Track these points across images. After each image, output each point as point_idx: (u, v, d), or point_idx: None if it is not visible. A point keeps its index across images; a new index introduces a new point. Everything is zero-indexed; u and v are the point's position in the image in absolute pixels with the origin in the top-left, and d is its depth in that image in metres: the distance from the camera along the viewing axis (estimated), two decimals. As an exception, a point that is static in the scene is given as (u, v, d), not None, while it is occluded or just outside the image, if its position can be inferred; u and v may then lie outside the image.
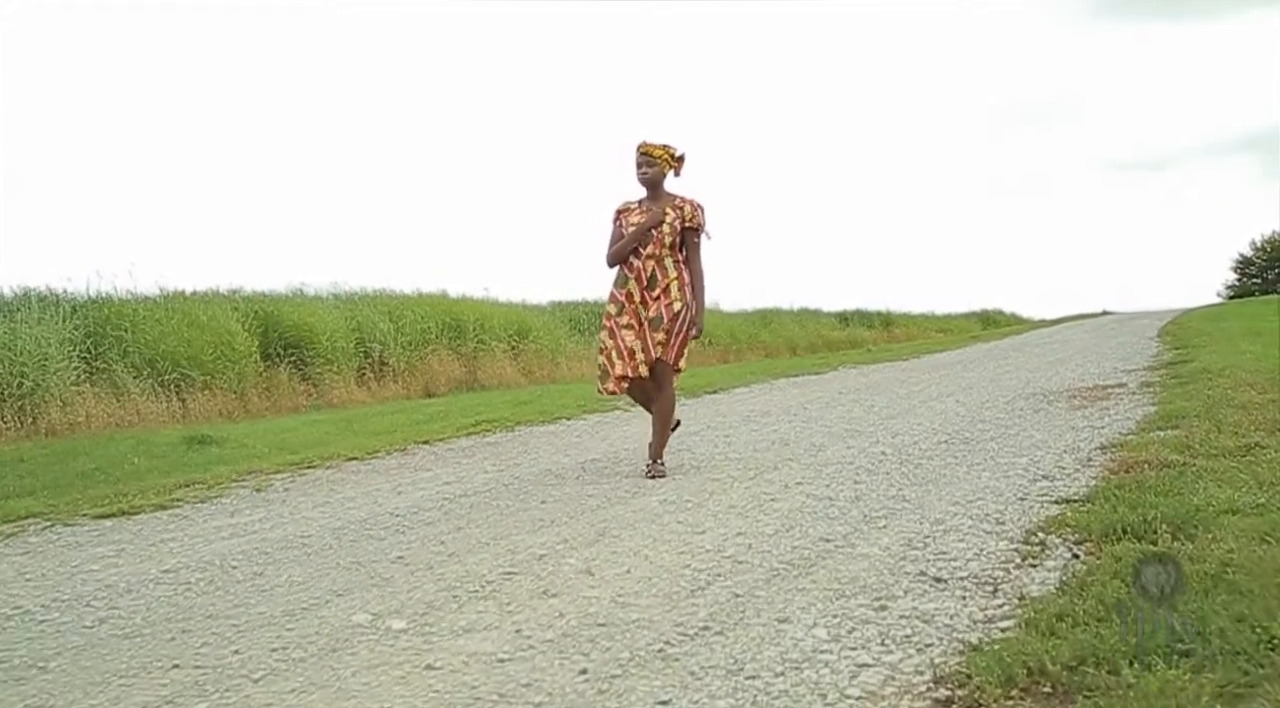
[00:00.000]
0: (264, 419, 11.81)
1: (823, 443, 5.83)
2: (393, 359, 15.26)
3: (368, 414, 10.66)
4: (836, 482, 4.53)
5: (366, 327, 15.15)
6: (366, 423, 9.44)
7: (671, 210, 5.00)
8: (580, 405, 8.60)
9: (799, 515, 3.84)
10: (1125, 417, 6.10)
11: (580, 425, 7.40)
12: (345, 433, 8.61)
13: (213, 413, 12.38)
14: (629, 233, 4.97)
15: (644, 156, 5.00)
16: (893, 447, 5.51)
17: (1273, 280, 47.86)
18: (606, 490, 4.65)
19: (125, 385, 11.77)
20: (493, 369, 16.57)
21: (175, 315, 13.16)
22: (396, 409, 11.27)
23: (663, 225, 4.96)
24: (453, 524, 4.03)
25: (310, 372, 14.05)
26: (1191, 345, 11.87)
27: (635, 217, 5.02)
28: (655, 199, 5.06)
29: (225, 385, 12.83)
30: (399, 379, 15.43)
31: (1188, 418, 5.47)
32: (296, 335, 14.17)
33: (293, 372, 13.86)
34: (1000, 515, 3.63)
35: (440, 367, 15.87)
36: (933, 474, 4.59)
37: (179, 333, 12.71)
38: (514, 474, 5.28)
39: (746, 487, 4.53)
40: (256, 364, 13.44)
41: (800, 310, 27.50)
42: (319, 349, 14.10)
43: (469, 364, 16.41)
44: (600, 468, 5.35)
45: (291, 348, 14.02)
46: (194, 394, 12.49)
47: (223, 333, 13.11)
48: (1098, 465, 4.48)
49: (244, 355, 13.15)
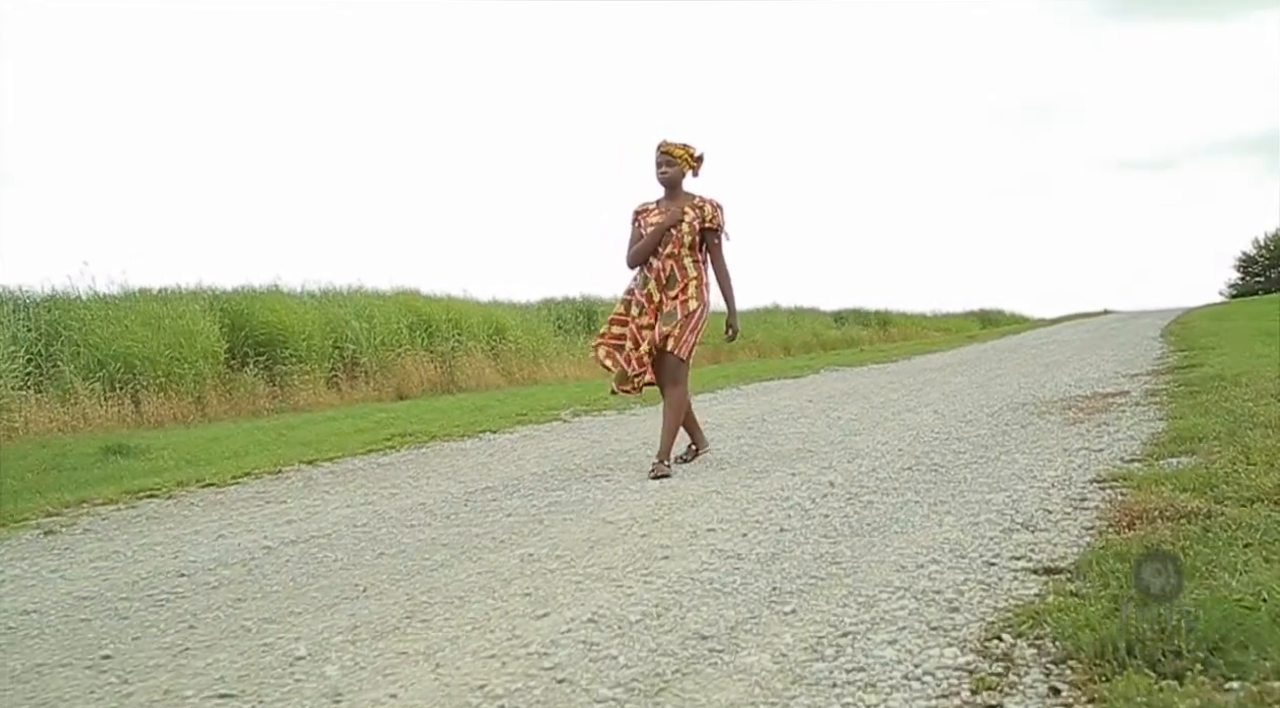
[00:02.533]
0: (217, 424, 10.80)
1: (764, 469, 4.73)
2: (365, 360, 14.21)
3: (315, 421, 9.61)
4: (758, 529, 3.44)
5: (341, 325, 14.14)
6: (302, 431, 8.42)
7: (690, 210, 4.84)
8: (520, 417, 7.53)
9: (686, 587, 2.75)
10: (1128, 435, 4.99)
11: (503, 441, 6.32)
12: (275, 442, 7.59)
13: (166, 417, 11.41)
14: (648, 233, 4.81)
15: (664, 156, 4.86)
16: (846, 475, 4.40)
17: (1275, 279, 46.26)
18: (468, 537, 3.57)
19: (74, 388, 10.80)
20: (471, 370, 15.52)
21: (130, 314, 12.23)
22: (351, 414, 10.21)
23: (681, 225, 4.80)
24: (230, 595, 2.96)
25: (278, 373, 13.04)
26: (1198, 347, 10.69)
27: (654, 217, 4.87)
28: (674, 199, 4.90)
29: (182, 388, 11.82)
30: (371, 381, 14.40)
31: (1205, 440, 4.36)
32: (268, 335, 13.15)
33: (259, 373, 12.86)
34: (956, 594, 2.53)
35: (414, 368, 14.83)
36: (883, 518, 3.49)
37: (133, 333, 11.74)
38: (377, 510, 4.21)
39: (642, 536, 3.44)
40: (219, 365, 12.45)
41: (796, 309, 26.34)
42: (293, 349, 13.08)
43: (445, 365, 15.35)
44: (485, 501, 4.28)
45: (262, 348, 13.01)
46: (148, 397, 11.50)
47: (182, 332, 12.11)
48: (1093, 508, 3.38)
49: (203, 356, 12.15)
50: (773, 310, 24.76)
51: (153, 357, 11.43)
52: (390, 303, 15.10)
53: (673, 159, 4.86)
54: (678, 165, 4.87)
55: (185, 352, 11.79)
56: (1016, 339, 18.51)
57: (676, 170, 4.87)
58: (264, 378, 12.83)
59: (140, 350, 11.39)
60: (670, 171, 4.87)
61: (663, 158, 4.87)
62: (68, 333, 11.52)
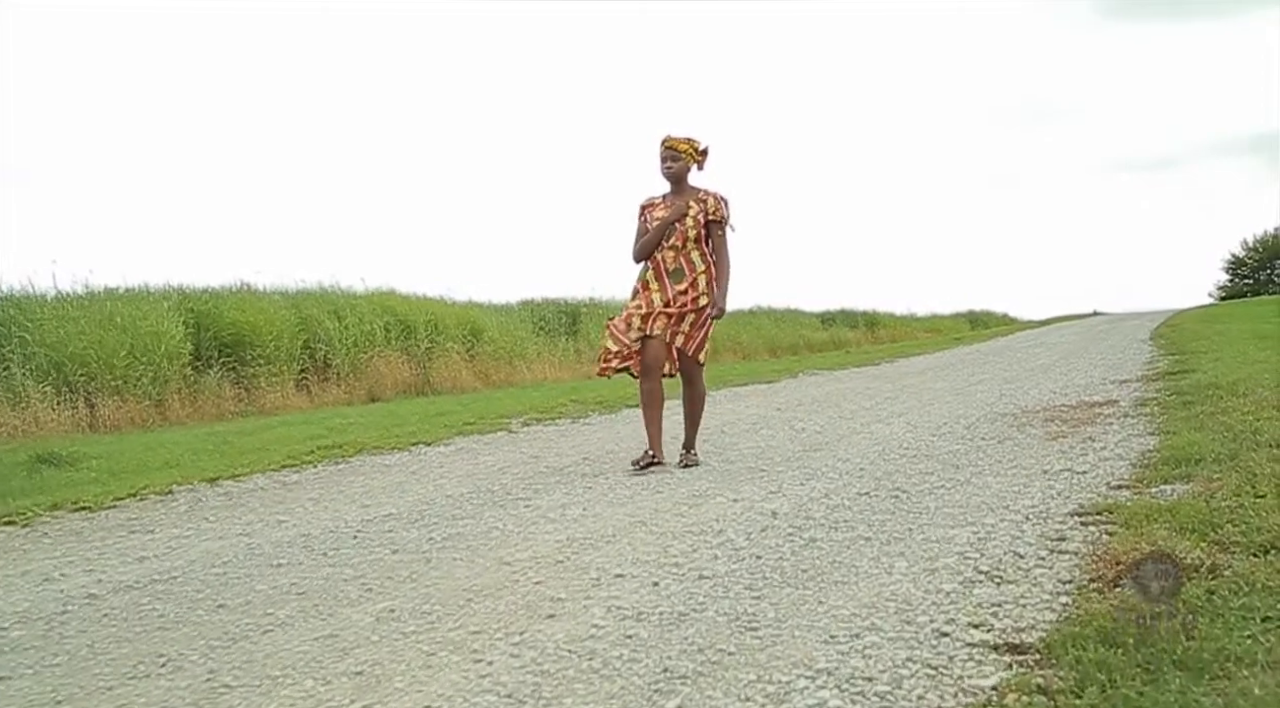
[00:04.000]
0: (176, 429, 10.21)
1: (706, 492, 4.12)
2: (337, 361, 13.59)
3: (272, 426, 8.99)
4: (674, 575, 2.84)
5: (313, 326, 13.52)
6: (251, 438, 7.79)
7: (695, 204, 4.79)
8: (467, 425, 6.91)
9: (558, 664, 2.15)
10: (1116, 453, 4.40)
11: (433, 455, 5.70)
12: (217, 451, 6.98)
13: (123, 422, 10.81)
14: (653, 227, 4.77)
15: (668, 151, 4.79)
16: (794, 502, 3.80)
17: (1264, 281, 45.70)
18: (334, 583, 2.97)
19: (25, 391, 10.20)
20: (446, 372, 14.90)
21: (89, 314, 11.63)
22: (308, 421, 9.58)
23: (686, 219, 4.75)
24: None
25: (245, 375, 12.43)
26: (1190, 352, 10.09)
27: (659, 211, 4.82)
28: (679, 193, 4.85)
29: (140, 391, 11.20)
30: (342, 383, 13.77)
31: (1203, 462, 3.76)
32: (235, 335, 12.53)
33: (224, 375, 12.26)
34: (892, 684, 1.93)
35: (388, 369, 14.20)
36: (824, 561, 2.89)
37: (90, 333, 11.13)
38: (251, 543, 3.60)
39: (535, 584, 2.84)
40: (183, 367, 11.84)
41: (783, 311, 25.70)
42: (262, 350, 12.47)
43: (420, 367, 14.73)
44: (377, 533, 3.67)
45: (229, 349, 12.39)
46: (103, 401, 10.88)
47: (143, 333, 11.50)
48: (1073, 552, 2.79)
49: (166, 357, 11.54)
50: (757, 312, 24.12)
51: (109, 358, 10.84)
52: (365, 302, 14.48)
53: (677, 154, 4.79)
54: (683, 160, 4.80)
55: (146, 353, 11.19)
56: (1003, 342, 17.91)
57: (681, 165, 4.80)
58: (230, 380, 12.25)
59: (97, 352, 10.81)
60: (675, 166, 4.79)
61: (667, 153, 4.79)
62: (21, 333, 10.90)
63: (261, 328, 12.39)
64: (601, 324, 19.66)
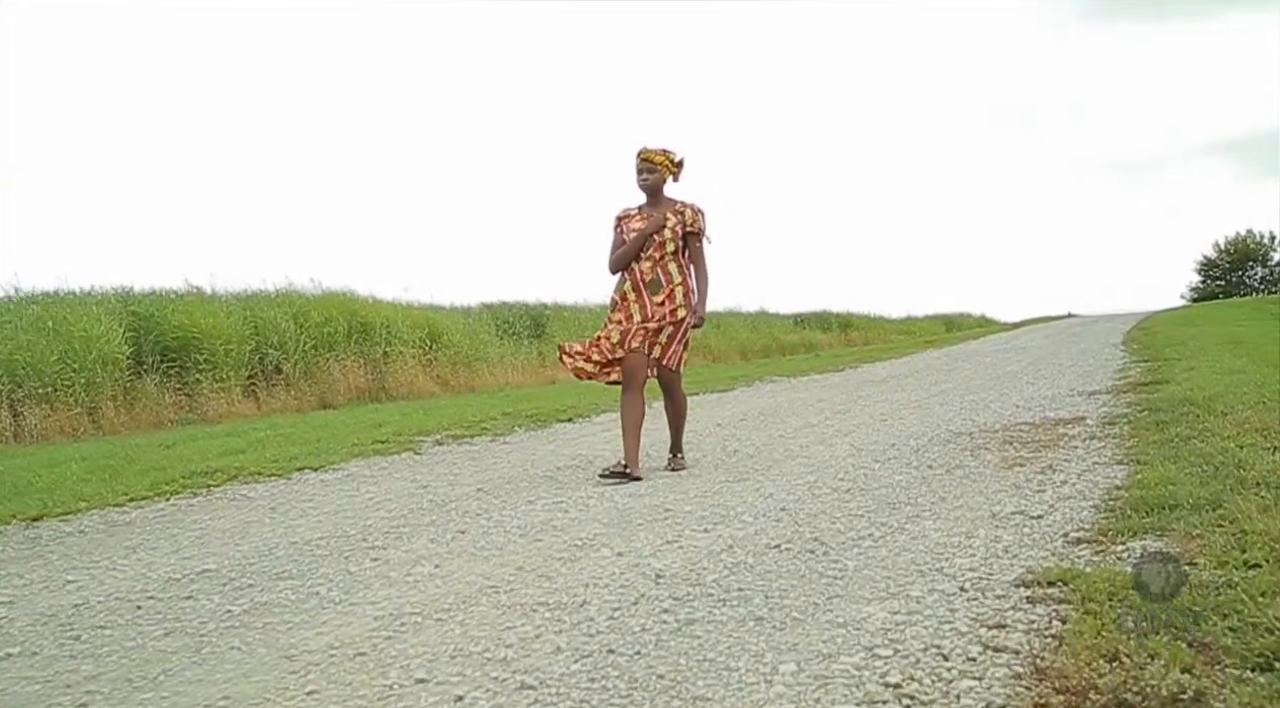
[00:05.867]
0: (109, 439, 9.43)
1: (590, 539, 3.39)
2: (288, 367, 12.82)
3: (196, 437, 8.21)
4: (487, 686, 2.11)
5: (264, 329, 12.76)
6: (159, 454, 6.97)
7: (672, 215, 4.73)
8: (380, 443, 6.15)
9: None
10: (1078, 490, 3.70)
11: (311, 483, 4.93)
12: (111, 471, 6.17)
13: (53, 431, 10.07)
14: (630, 239, 4.70)
15: (644, 162, 4.73)
16: (688, 558, 3.08)
17: (1235, 283, 45.27)
18: (52, 690, 2.22)
19: (-56, 401, 9.43)
20: (403, 377, 14.13)
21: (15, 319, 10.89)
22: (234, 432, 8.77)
23: (664, 230, 4.69)
24: None
25: (189, 381, 11.67)
26: (1163, 358, 9.44)
27: (636, 222, 4.75)
28: (655, 205, 4.79)
29: (72, 399, 10.43)
30: (293, 389, 12.99)
31: (1180, 509, 3.08)
32: (180, 340, 11.77)
33: (166, 382, 11.49)
34: None
35: (341, 375, 13.43)
36: (690, 661, 2.17)
37: (17, 338, 10.37)
38: (7, 615, 2.84)
39: (308, 694, 2.09)
40: (121, 373, 11.08)
41: (756, 313, 24.99)
42: (208, 355, 11.72)
43: (376, 372, 13.96)
44: (168, 602, 2.93)
45: (173, 354, 11.64)
46: (31, 409, 10.11)
47: (77, 338, 10.72)
48: (1012, 651, 2.07)
49: (102, 363, 10.78)
50: (731, 315, 23.40)
51: (37, 364, 10.09)
52: (320, 305, 13.71)
53: (654, 165, 4.71)
54: (659, 171, 4.72)
55: (79, 358, 10.43)
56: (974, 345, 17.24)
57: (658, 176, 4.73)
58: (173, 387, 11.49)
59: (25, 358, 10.05)
60: (651, 178, 4.72)
61: (644, 164, 4.73)
62: (-60, 341, 10.14)
63: (209, 332, 11.66)
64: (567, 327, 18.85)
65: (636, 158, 4.74)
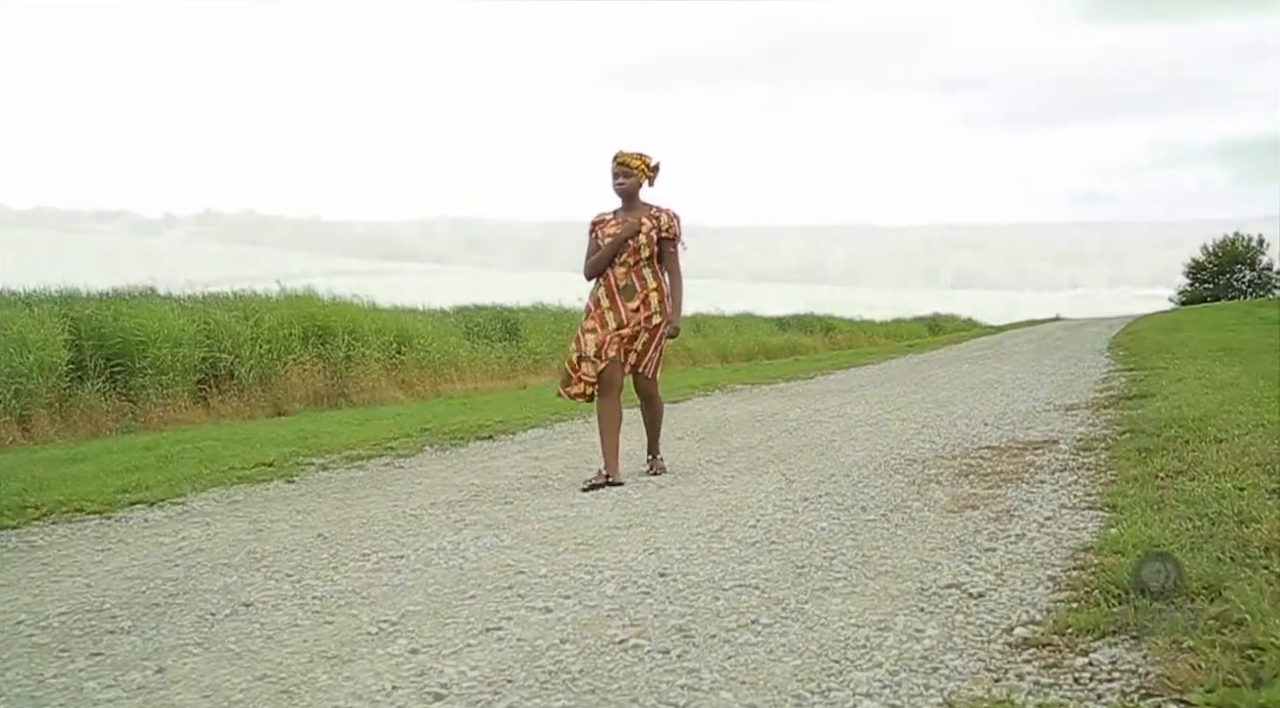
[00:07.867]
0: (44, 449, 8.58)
1: (389, 625, 2.53)
2: (242, 372, 11.98)
3: (113, 450, 7.29)
4: None
5: (218, 333, 11.93)
6: (70, 468, 6.03)
7: (648, 220, 4.63)
8: (265, 466, 5.28)
9: None
10: (1036, 550, 2.87)
11: (132, 524, 4.03)
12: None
13: (-21, 442, 9.21)
14: (605, 244, 4.61)
15: (620, 167, 4.64)
16: (489, 665, 2.23)
17: (1224, 286, 44.32)
18: None
19: None
20: (365, 382, 13.28)
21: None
22: (151, 445, 7.85)
23: (639, 235, 4.58)
24: None
25: (133, 387, 10.85)
26: (1149, 368, 8.59)
27: (611, 228, 4.66)
28: (631, 210, 4.70)
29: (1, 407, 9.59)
30: (245, 395, 12.13)
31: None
32: (123, 344, 10.94)
33: (105, 388, 10.65)
34: None
35: (299, 380, 12.58)
36: None
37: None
38: None
39: None
40: (59, 379, 10.25)
41: (739, 315, 24.12)
42: (154, 359, 10.91)
43: (336, 377, 13.09)
44: None
45: (116, 359, 10.82)
46: (-47, 420, 9.28)
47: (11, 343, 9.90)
48: None
49: (37, 369, 9.95)
50: (711, 317, 22.52)
51: (-43, 372, 9.28)
52: (279, 308, 12.87)
53: (629, 170, 4.64)
54: (634, 176, 4.64)
55: (13, 364, 9.61)
56: (955, 350, 16.34)
57: (633, 181, 4.65)
58: (114, 393, 10.66)
59: (-51, 364, 9.24)
60: (627, 183, 4.65)
61: (619, 169, 4.65)
62: None
63: (154, 335, 10.83)
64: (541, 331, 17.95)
65: (612, 162, 4.68)
